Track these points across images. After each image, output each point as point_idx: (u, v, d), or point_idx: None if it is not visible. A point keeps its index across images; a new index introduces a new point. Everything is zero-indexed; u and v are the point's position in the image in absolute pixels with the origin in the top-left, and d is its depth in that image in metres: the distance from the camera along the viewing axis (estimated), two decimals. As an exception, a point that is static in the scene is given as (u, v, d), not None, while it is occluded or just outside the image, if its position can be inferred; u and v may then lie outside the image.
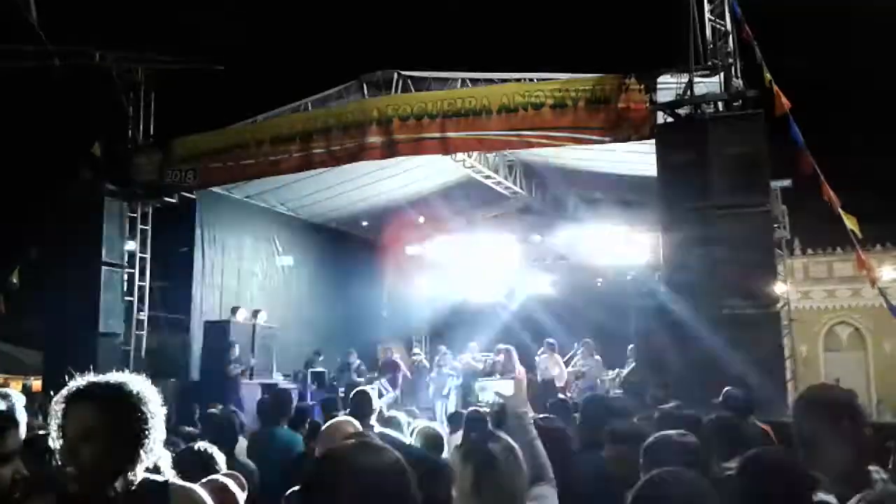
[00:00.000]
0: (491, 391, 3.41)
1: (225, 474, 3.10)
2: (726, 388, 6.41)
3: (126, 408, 2.09)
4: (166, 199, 13.19)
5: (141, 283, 13.24)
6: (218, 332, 13.34)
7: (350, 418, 3.68)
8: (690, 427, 3.49)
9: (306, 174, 12.62)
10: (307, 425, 6.41)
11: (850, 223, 9.19)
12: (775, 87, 8.92)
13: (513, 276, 17.52)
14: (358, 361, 15.10)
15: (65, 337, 11.75)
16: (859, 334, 16.33)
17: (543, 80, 10.45)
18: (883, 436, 3.39)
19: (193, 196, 13.33)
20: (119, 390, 2.11)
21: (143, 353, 13.22)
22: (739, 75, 9.50)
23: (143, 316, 13.29)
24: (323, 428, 3.71)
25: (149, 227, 13.39)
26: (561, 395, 10.33)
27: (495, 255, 16.94)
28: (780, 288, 10.57)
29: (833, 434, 2.49)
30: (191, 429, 6.22)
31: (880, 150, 19.16)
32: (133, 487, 2.10)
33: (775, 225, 11.19)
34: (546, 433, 3.17)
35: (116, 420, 2.07)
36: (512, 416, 3.27)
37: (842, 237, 12.25)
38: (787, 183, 12.29)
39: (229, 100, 13.47)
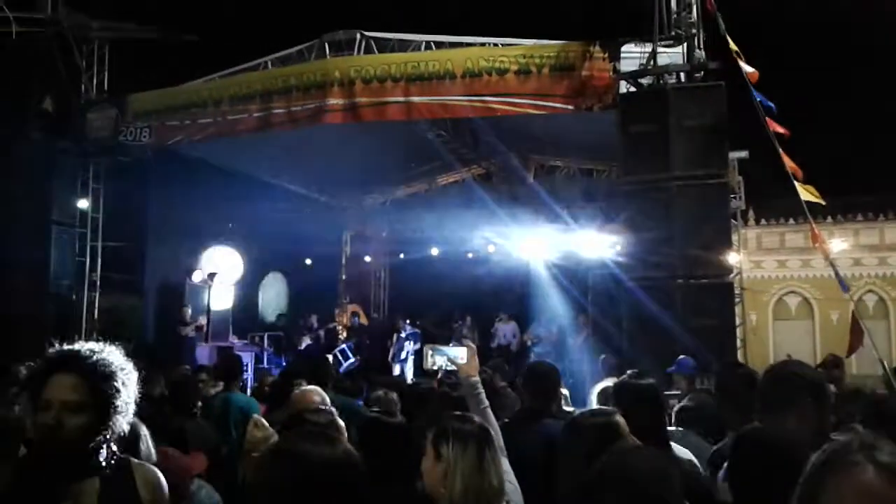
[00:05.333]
0: (444, 358, 3.26)
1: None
2: (680, 357, 6.57)
3: (109, 379, 2.06)
4: (120, 157, 12.86)
5: (93, 243, 12.95)
6: (172, 293, 13.17)
7: (315, 387, 3.67)
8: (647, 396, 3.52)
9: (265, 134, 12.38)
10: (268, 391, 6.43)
11: (808, 194, 9.33)
12: (741, 60, 8.95)
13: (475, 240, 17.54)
14: (316, 325, 15.08)
15: (14, 298, 11.47)
16: (808, 304, 16.74)
17: (508, 45, 10.38)
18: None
19: (148, 154, 12.99)
20: (103, 361, 2.07)
21: (95, 314, 12.99)
22: (702, 46, 9.54)
23: (96, 277, 13.03)
24: (290, 396, 3.72)
25: (101, 186, 13.07)
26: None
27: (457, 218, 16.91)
28: (733, 258, 10.76)
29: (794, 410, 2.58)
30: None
31: (833, 122, 19.51)
32: (109, 461, 2.08)
33: (731, 196, 11.35)
34: None
35: (101, 392, 2.03)
36: (465, 385, 3.24)
37: (794, 208, 12.47)
38: (744, 154, 12.46)
39: (187, 56, 13.08)
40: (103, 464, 2.08)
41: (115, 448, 2.13)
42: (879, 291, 16.34)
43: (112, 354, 2.11)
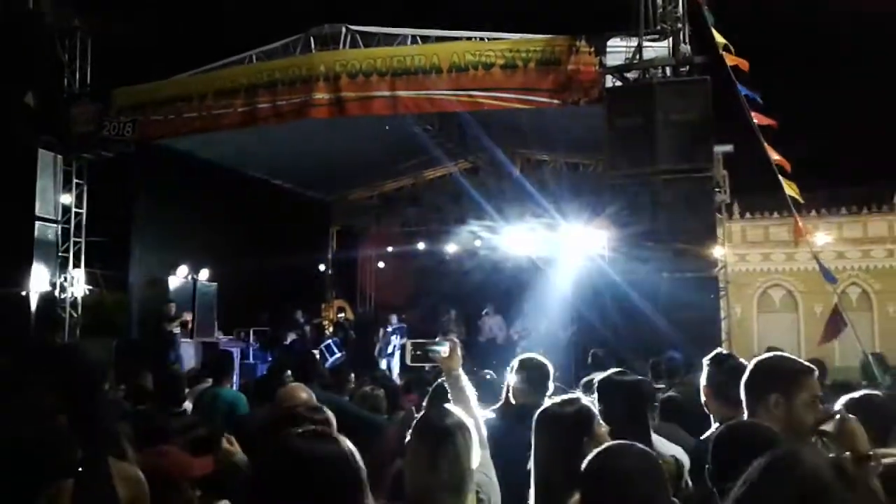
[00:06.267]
0: (426, 353, 3.18)
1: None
2: (668, 352, 6.59)
3: (88, 377, 2.04)
4: (103, 152, 12.76)
5: (77, 239, 12.85)
6: (156, 289, 13.07)
7: (301, 384, 3.66)
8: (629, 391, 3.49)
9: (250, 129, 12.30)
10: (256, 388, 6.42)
11: (789, 189, 9.40)
12: (728, 54, 8.97)
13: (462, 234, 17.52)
14: (302, 320, 15.03)
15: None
16: (792, 297, 16.88)
17: (494, 39, 10.37)
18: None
19: (132, 149, 12.87)
20: (80, 359, 2.05)
21: (79, 310, 12.89)
22: (688, 41, 9.57)
23: (80, 273, 12.93)
24: (277, 393, 3.70)
25: (84, 181, 12.97)
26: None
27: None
28: (718, 251, 10.82)
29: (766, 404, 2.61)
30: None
31: (817, 115, 19.62)
32: (84, 460, 2.06)
33: (716, 189, 11.41)
34: None
35: (78, 390, 2.01)
36: (447, 379, 3.19)
37: (779, 202, 12.53)
38: (729, 148, 12.51)
39: (172, 50, 12.98)
40: (78, 463, 2.06)
41: (91, 446, 2.11)
42: (863, 284, 16.50)
43: (91, 352, 2.10)
